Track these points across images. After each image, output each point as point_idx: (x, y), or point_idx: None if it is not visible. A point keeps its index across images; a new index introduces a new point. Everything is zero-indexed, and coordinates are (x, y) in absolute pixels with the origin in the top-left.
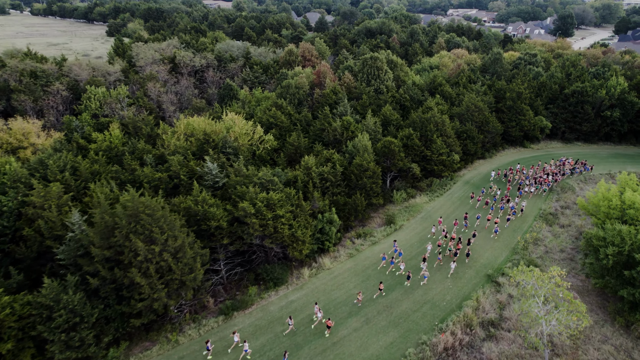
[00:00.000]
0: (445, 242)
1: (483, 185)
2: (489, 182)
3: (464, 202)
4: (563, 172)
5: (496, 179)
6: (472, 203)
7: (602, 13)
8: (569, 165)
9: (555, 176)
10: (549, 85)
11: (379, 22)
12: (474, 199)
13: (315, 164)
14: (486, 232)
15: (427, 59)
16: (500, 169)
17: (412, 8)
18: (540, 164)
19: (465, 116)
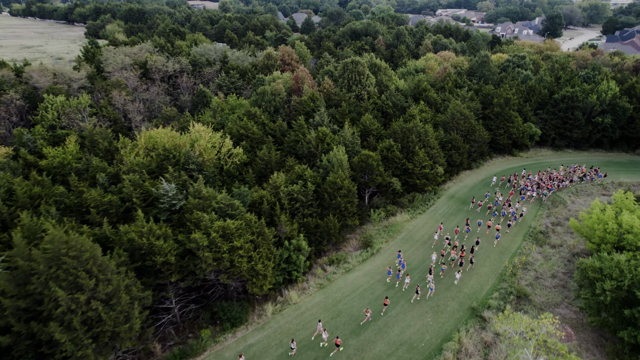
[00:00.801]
0: (448, 250)
1: (469, 199)
2: (494, 188)
3: (449, 219)
4: (571, 178)
5: (499, 184)
6: (472, 208)
7: (590, 13)
8: (579, 172)
9: (560, 182)
10: (538, 90)
11: (365, 23)
12: (474, 203)
13: (284, 181)
14: (488, 238)
15: (413, 62)
16: (505, 174)
17: (401, 8)
18: (549, 170)
19: (450, 124)
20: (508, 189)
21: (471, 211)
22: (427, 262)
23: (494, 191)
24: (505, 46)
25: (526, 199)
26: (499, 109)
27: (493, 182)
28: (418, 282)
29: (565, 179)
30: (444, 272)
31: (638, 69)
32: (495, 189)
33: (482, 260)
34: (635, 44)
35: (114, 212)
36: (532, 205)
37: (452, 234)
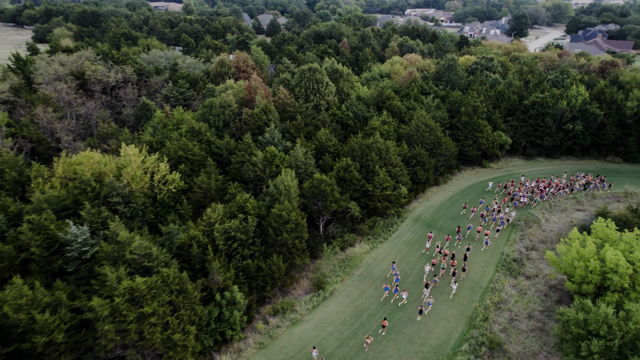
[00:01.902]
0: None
1: (437, 222)
2: (491, 194)
3: (413, 247)
4: (572, 187)
5: (495, 190)
6: (464, 214)
7: (554, 13)
8: (582, 181)
9: (558, 190)
10: (507, 95)
11: (329, 25)
12: (467, 209)
13: (222, 216)
14: (477, 244)
15: (378, 66)
16: (501, 181)
17: (370, 8)
18: (553, 178)
19: (414, 137)
20: (503, 195)
21: (463, 217)
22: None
23: (493, 198)
24: (473, 47)
25: (519, 205)
26: (466, 118)
27: (489, 187)
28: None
29: (566, 187)
30: (436, 283)
31: (604, 70)
32: (494, 195)
33: (451, 298)
34: (598, 44)
35: (6, 266)
36: (504, 229)
37: (443, 242)
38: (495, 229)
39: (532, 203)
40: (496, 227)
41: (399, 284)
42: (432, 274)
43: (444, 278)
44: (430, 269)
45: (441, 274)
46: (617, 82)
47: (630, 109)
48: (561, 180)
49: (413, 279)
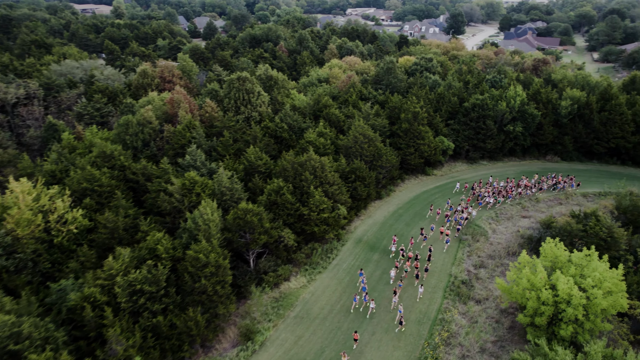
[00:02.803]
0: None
1: (380, 242)
2: (458, 195)
3: (356, 275)
4: (541, 187)
5: (462, 190)
6: (430, 215)
7: (487, 11)
8: (552, 181)
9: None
10: (447, 98)
11: (264, 28)
12: (432, 211)
13: (126, 264)
14: (439, 244)
15: (316, 70)
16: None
17: (311, 8)
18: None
19: (353, 149)
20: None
21: (429, 219)
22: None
23: (460, 199)
24: (412, 47)
25: (483, 205)
26: (407, 125)
27: (456, 188)
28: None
29: (534, 187)
30: (401, 288)
31: (537, 68)
32: (462, 196)
33: (396, 337)
34: (529, 41)
35: None
36: (452, 243)
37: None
38: (456, 227)
39: (496, 203)
40: (456, 226)
41: (368, 291)
42: (398, 278)
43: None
44: (395, 272)
45: (405, 277)
46: (550, 80)
47: (564, 109)
48: (530, 180)
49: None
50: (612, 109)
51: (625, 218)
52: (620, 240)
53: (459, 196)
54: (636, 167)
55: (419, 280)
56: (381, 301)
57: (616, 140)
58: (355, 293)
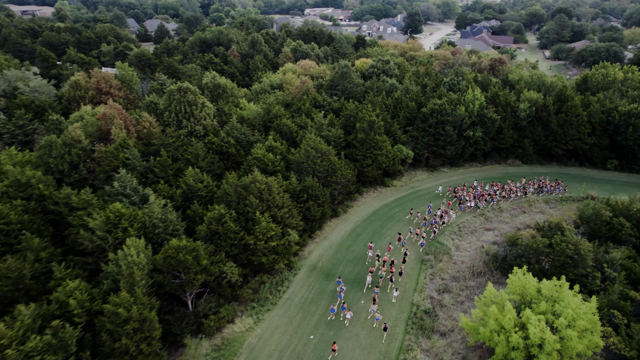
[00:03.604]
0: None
1: (336, 268)
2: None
3: (309, 311)
4: (526, 191)
5: (445, 194)
6: (410, 219)
7: (443, 9)
8: (535, 185)
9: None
10: (405, 103)
11: (215, 31)
12: (412, 214)
13: (24, 327)
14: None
15: (269, 76)
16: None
17: (269, 9)
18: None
19: (305, 165)
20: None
21: (409, 222)
22: None
23: (441, 202)
24: (369, 48)
25: (464, 209)
26: (363, 135)
27: (438, 192)
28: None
29: (519, 191)
30: (378, 293)
31: (494, 68)
32: (443, 200)
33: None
34: (484, 39)
35: None
36: (414, 265)
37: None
38: (432, 230)
39: (477, 208)
40: (432, 229)
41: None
42: (374, 284)
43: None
44: (370, 278)
45: (380, 282)
46: (507, 81)
47: (523, 111)
48: (516, 184)
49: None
50: (569, 111)
51: (588, 227)
52: (587, 257)
53: (441, 199)
54: (593, 168)
55: (394, 284)
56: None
57: (574, 142)
58: (332, 304)
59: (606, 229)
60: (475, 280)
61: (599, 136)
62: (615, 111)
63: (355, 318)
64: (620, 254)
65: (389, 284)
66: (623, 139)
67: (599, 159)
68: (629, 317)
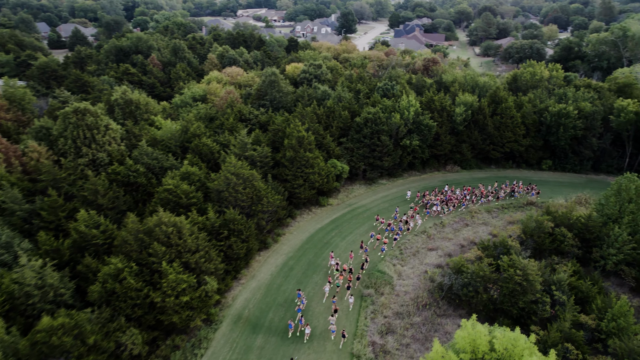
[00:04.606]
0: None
1: (266, 315)
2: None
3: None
4: (497, 195)
5: (414, 199)
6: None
7: (377, 8)
8: (508, 189)
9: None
10: (338, 112)
11: (134, 37)
12: (378, 221)
13: None
14: (375, 252)
15: (191, 87)
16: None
17: (199, 11)
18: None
19: (225, 194)
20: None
21: (375, 227)
22: None
23: (410, 207)
24: (302, 52)
25: (431, 213)
26: (292, 153)
27: (407, 196)
28: None
29: (490, 195)
30: (335, 305)
31: (427, 68)
32: (411, 204)
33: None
34: (417, 38)
35: None
36: (354, 302)
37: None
38: (393, 237)
39: (442, 212)
40: (394, 236)
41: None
42: (332, 294)
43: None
44: (329, 288)
45: (338, 291)
46: (442, 83)
47: (459, 115)
48: (487, 187)
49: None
50: (504, 113)
51: (532, 241)
52: (535, 282)
53: (409, 204)
54: (529, 169)
55: (350, 291)
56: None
57: (510, 144)
58: (290, 319)
59: (549, 241)
60: (421, 314)
61: (533, 137)
62: (546, 111)
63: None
64: (566, 275)
65: (346, 292)
66: (555, 140)
67: (534, 160)
68: (583, 349)
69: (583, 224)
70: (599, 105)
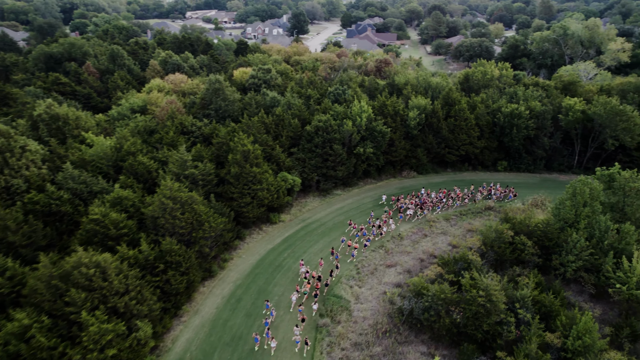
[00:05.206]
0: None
1: (211, 357)
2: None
3: None
4: (474, 198)
5: (389, 203)
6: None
7: (329, 8)
8: (484, 191)
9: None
10: (287, 120)
11: (66, 43)
12: (350, 226)
13: None
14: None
15: (129, 97)
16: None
17: (146, 13)
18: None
19: (162, 221)
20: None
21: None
22: None
23: (384, 210)
24: (250, 55)
25: (404, 217)
26: (237, 169)
27: (382, 200)
28: None
29: (467, 197)
30: (301, 313)
31: (380, 69)
32: (385, 208)
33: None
34: (369, 38)
35: None
36: (308, 331)
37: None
38: (364, 243)
39: (415, 216)
40: (364, 242)
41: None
42: (299, 302)
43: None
44: (296, 297)
45: (305, 299)
46: (394, 85)
47: (413, 120)
48: (463, 190)
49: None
50: (457, 115)
51: (494, 253)
52: (499, 303)
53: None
54: (485, 171)
55: (317, 299)
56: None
57: (465, 146)
58: (255, 332)
59: (510, 250)
60: (381, 343)
61: (488, 138)
62: (499, 112)
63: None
64: (529, 289)
65: (313, 300)
66: (509, 140)
67: (490, 162)
68: None
69: (542, 231)
70: (548, 105)
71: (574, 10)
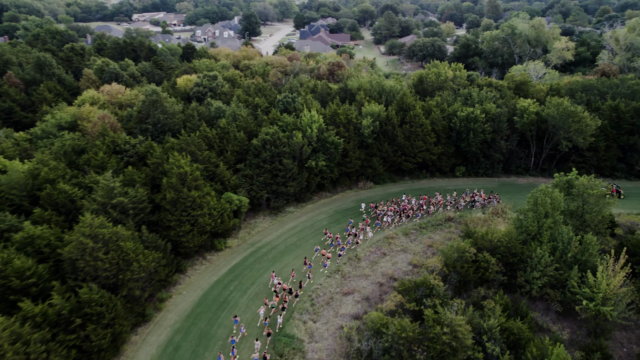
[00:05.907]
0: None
1: None
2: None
3: None
4: (458, 205)
5: (368, 210)
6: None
7: (281, 9)
8: (468, 198)
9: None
10: (232, 134)
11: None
12: (326, 235)
13: None
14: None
15: (56, 112)
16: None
17: (88, 16)
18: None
19: (80, 264)
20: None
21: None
22: None
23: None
24: (197, 61)
25: (381, 225)
26: (173, 194)
27: (362, 208)
28: None
29: (449, 204)
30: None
31: (332, 73)
32: (363, 216)
33: None
34: (322, 39)
35: None
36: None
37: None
38: (337, 253)
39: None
40: (338, 251)
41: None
42: (266, 315)
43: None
44: (264, 310)
45: (272, 312)
46: (347, 90)
47: (367, 128)
48: (445, 196)
49: None
50: (413, 121)
51: (456, 274)
52: (465, 339)
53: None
54: (444, 177)
55: (284, 312)
56: None
57: (422, 153)
58: (219, 351)
59: (473, 270)
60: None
61: (444, 144)
62: (455, 117)
63: None
64: (496, 319)
65: (281, 313)
66: (466, 145)
67: (447, 168)
68: None
69: (505, 247)
70: (503, 107)
71: (518, 9)
